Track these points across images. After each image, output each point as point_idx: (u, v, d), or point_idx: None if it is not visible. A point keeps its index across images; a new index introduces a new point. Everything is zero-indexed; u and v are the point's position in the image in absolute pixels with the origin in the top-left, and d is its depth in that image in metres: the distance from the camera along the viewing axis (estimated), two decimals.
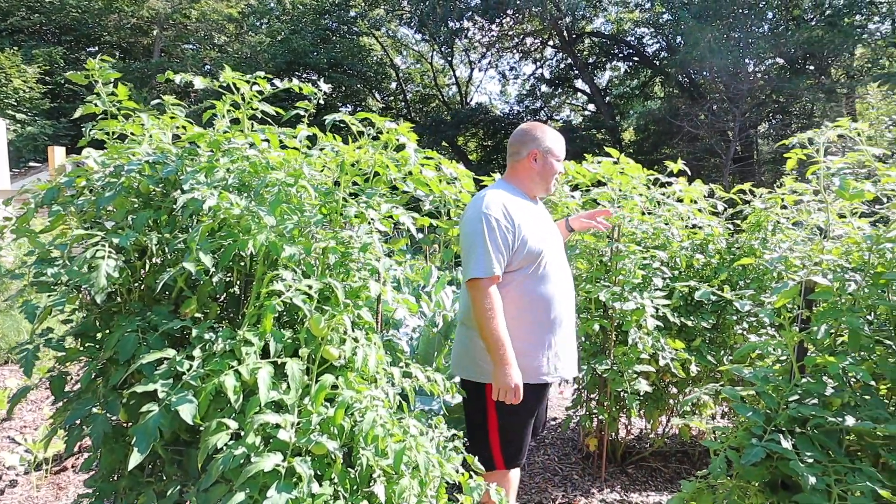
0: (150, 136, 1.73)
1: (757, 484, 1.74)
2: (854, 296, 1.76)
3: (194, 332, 1.39)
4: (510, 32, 21.07)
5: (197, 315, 1.57)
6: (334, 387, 1.44)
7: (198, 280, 1.51)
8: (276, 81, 1.68)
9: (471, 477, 1.53)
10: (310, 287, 1.42)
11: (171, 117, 1.78)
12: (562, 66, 21.85)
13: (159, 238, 1.47)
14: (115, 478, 1.66)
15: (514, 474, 2.14)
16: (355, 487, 1.51)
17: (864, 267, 1.78)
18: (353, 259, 1.69)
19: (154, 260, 1.60)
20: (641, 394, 2.86)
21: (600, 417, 2.94)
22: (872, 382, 1.75)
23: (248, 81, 1.64)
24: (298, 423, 1.39)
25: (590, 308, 2.94)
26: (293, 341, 1.49)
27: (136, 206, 1.54)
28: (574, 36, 19.96)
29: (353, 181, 1.86)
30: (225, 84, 1.66)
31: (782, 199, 2.88)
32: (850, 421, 1.57)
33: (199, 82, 1.60)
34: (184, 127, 1.82)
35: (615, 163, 3.00)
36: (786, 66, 16.28)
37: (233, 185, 1.51)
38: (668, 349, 2.81)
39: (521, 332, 1.98)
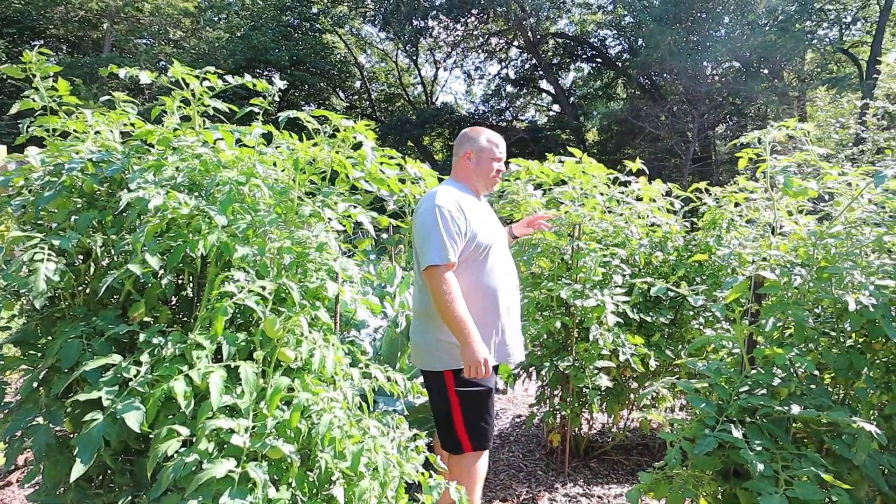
0: (97, 133, 1.66)
1: (710, 473, 1.79)
2: (800, 289, 1.83)
3: (142, 337, 1.34)
4: (475, 32, 21.14)
5: (146, 319, 1.52)
6: (290, 389, 1.41)
7: (146, 283, 1.46)
8: (228, 77, 1.64)
9: (431, 476, 1.53)
10: (263, 288, 1.39)
11: (120, 114, 1.72)
12: (526, 66, 22.05)
13: (104, 240, 1.41)
14: (62, 491, 1.59)
15: (483, 463, 2.19)
16: (314, 491, 1.48)
17: (809, 262, 1.85)
18: (310, 259, 1.66)
19: (100, 263, 1.54)
20: (602, 389, 2.91)
21: (563, 413, 2.98)
22: (816, 372, 1.82)
23: (197, 77, 1.59)
24: (253, 428, 1.36)
25: (552, 306, 2.97)
26: (248, 344, 1.46)
27: (79, 206, 1.48)
28: (538, 36, 20.17)
29: (311, 180, 1.83)
30: (175, 80, 1.61)
31: (735, 197, 2.97)
32: (795, 409, 1.63)
33: (146, 77, 1.55)
34: (133, 124, 1.75)
35: (578, 162, 3.04)
36: (741, 70, 16.83)
37: (182, 183, 1.46)
38: (629, 345, 2.86)
39: (473, 319, 2.08)
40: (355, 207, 1.78)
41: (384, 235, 5.38)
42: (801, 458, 1.61)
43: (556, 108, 22.95)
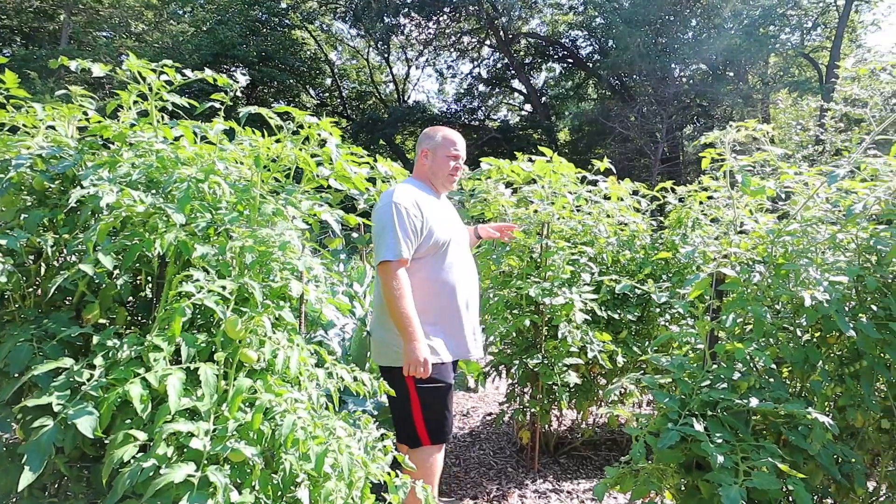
0: (50, 127, 1.60)
1: (673, 465, 1.82)
2: (759, 286, 1.88)
3: (95, 339, 1.30)
4: (447, 30, 21.12)
5: (102, 321, 1.47)
6: (253, 391, 1.39)
7: (101, 284, 1.41)
8: (187, 72, 1.59)
9: (397, 476, 1.52)
10: (224, 288, 1.36)
11: (73, 109, 1.66)
12: (499, 65, 22.13)
13: (56, 239, 1.36)
14: (14, 501, 1.53)
15: (440, 456, 2.20)
16: (279, 493, 1.46)
17: (768, 259, 1.90)
18: (274, 259, 1.63)
19: (52, 263, 1.48)
20: (571, 386, 2.95)
21: (533, 410, 3.00)
22: (774, 366, 1.87)
23: (154, 71, 1.54)
24: (214, 431, 1.33)
25: (521, 304, 2.99)
26: (208, 345, 1.42)
27: (29, 204, 1.42)
28: (510, 36, 20.27)
29: (276, 178, 1.80)
30: (131, 74, 1.56)
31: (699, 196, 3.04)
32: (754, 402, 1.67)
33: (98, 70, 1.50)
34: (89, 119, 1.69)
35: (549, 161, 3.07)
36: (708, 72, 17.22)
37: (139, 181, 1.42)
38: (597, 342, 2.90)
39: (431, 315, 2.14)
40: (321, 206, 1.76)
41: (354, 235, 5.34)
42: (759, 449, 1.65)
43: (528, 107, 23.10)
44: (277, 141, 1.65)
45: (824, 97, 13.65)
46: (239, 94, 1.73)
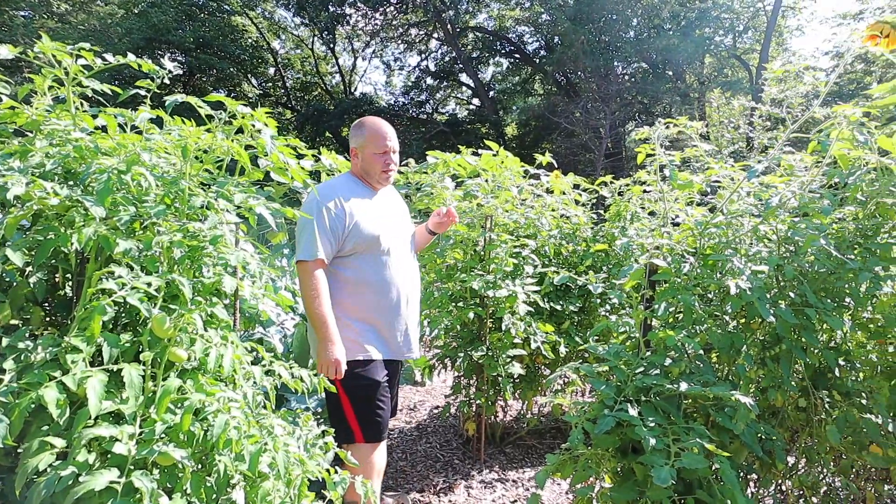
0: None
1: (611, 450, 1.88)
2: (689, 276, 1.96)
3: (5, 342, 1.21)
4: (394, 22, 20.91)
5: (14, 322, 1.37)
6: (183, 391, 1.33)
7: (12, 282, 1.31)
8: (109, 56, 1.50)
9: (337, 472, 1.50)
10: (150, 285, 1.29)
11: None
12: (446, 59, 22.13)
13: None
14: None
15: (378, 455, 2.18)
16: (213, 496, 1.41)
17: (696, 250, 1.99)
18: (207, 254, 1.57)
19: None
20: (516, 377, 3.00)
21: (478, 402, 3.03)
22: (703, 352, 1.97)
23: (70, 54, 1.44)
24: (141, 434, 1.27)
25: (465, 297, 3.01)
26: (133, 345, 1.35)
27: None
28: (458, 30, 20.31)
29: (208, 170, 1.73)
30: (46, 57, 1.46)
31: (634, 190, 3.14)
32: (684, 387, 1.75)
33: (6, 51, 1.39)
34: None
35: (495, 155, 3.09)
36: (648, 70, 17.84)
37: (54, 171, 1.33)
38: (540, 333, 2.95)
39: (363, 313, 2.13)
40: (256, 199, 1.70)
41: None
42: (689, 431, 1.73)
43: (476, 101, 23.25)
44: (208, 131, 1.59)
45: (754, 97, 14.41)
46: (175, 82, 1.64)
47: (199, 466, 1.41)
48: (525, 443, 3.42)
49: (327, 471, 1.47)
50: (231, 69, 19.48)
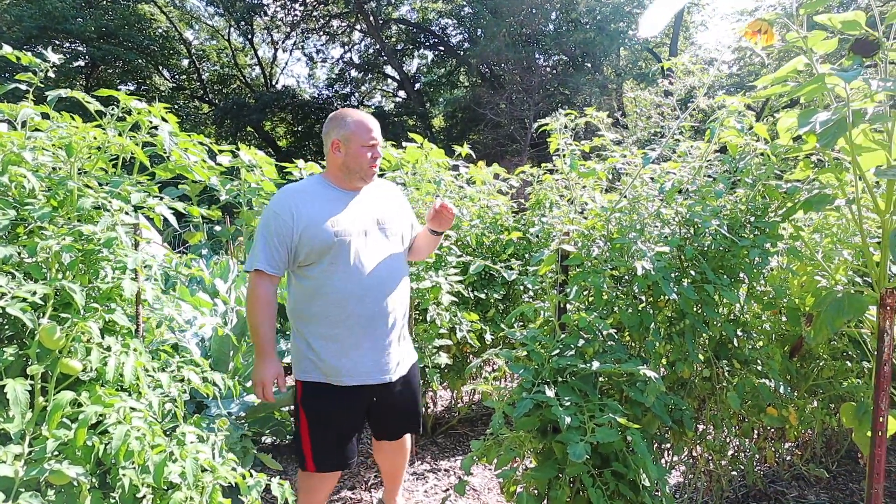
0: None
1: (532, 431, 1.95)
2: (598, 259, 2.06)
3: None
4: (315, 13, 20.38)
5: None
6: (78, 404, 1.25)
7: None
8: None
9: (252, 476, 1.46)
10: (34, 293, 1.20)
11: None
12: (370, 51, 21.84)
13: None
14: None
15: (327, 480, 2.05)
16: None
17: (605, 234, 2.09)
18: (105, 258, 1.47)
19: None
20: (443, 366, 3.03)
21: None
22: (613, 331, 2.07)
23: None
24: (30, 453, 1.18)
25: None
26: (19, 358, 1.26)
27: None
28: (381, 21, 20.09)
29: (103, 168, 1.63)
30: None
31: (547, 178, 3.25)
32: (596, 365, 1.83)
33: None
34: None
35: (419, 147, 3.10)
36: (569, 63, 18.42)
37: None
38: (465, 322, 3.00)
39: (323, 328, 1.93)
40: (160, 198, 1.61)
41: (217, 228, 5.00)
42: (603, 407, 1.82)
43: (402, 94, 23.12)
44: (99, 126, 1.49)
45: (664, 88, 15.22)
46: (76, 73, 1.52)
47: (102, 483, 1.34)
48: (457, 431, 3.47)
49: (242, 476, 1.43)
50: (139, 60, 18.26)
